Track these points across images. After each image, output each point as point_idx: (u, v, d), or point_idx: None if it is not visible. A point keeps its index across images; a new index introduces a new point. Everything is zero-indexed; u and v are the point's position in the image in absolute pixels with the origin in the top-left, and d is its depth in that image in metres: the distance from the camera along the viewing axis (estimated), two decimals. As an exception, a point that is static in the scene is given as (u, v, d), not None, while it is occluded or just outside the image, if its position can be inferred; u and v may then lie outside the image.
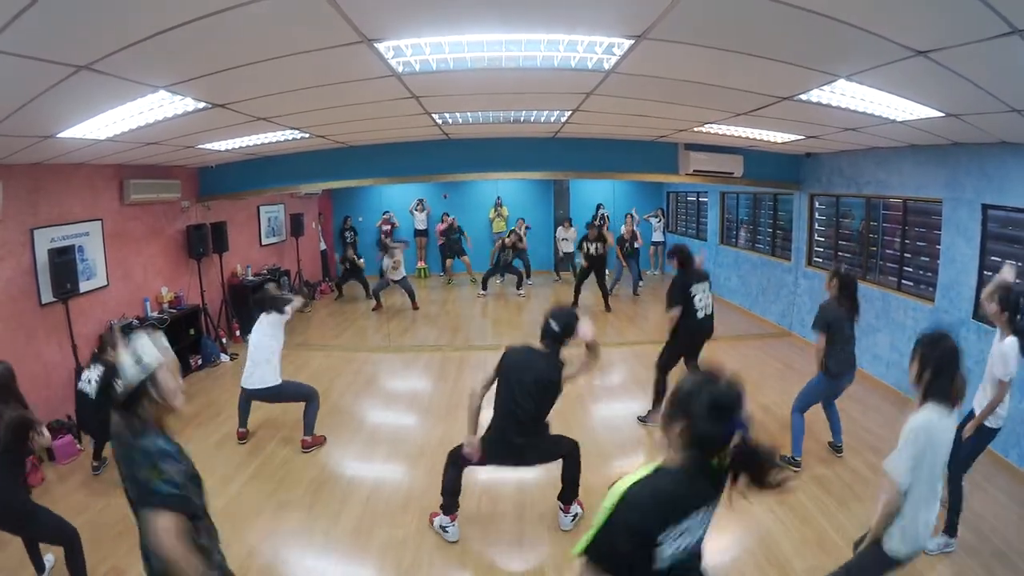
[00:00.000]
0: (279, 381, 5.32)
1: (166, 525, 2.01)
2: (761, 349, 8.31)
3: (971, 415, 3.91)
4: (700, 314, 5.62)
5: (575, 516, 4.19)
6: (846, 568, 2.89)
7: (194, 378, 7.52)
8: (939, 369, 2.65)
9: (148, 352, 2.15)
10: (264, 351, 5.24)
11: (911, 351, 2.77)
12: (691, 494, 1.82)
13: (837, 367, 4.79)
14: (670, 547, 1.77)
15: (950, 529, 3.83)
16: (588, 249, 10.71)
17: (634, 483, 1.79)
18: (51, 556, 3.74)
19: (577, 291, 10.91)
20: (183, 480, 2.09)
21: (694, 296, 5.59)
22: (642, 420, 5.91)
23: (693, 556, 1.89)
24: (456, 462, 4.07)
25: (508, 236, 12.45)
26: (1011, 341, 3.66)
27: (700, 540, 1.89)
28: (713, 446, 1.79)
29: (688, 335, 5.70)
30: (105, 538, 4.05)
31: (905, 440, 2.57)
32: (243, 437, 5.57)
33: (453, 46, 3.19)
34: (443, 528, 4.10)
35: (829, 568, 3.64)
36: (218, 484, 4.80)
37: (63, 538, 3.46)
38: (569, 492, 4.18)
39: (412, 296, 11.24)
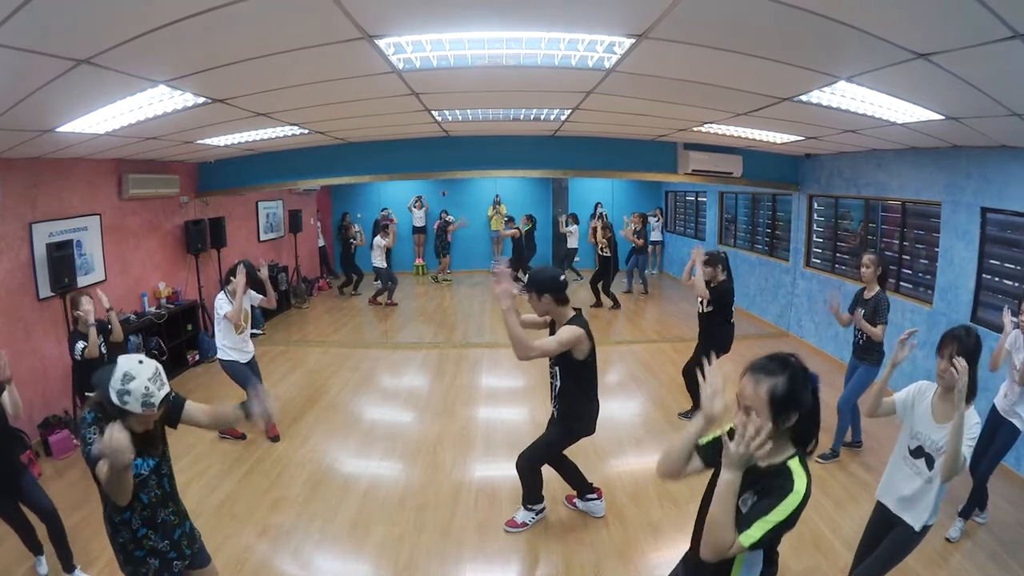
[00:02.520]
0: (223, 358, 5.37)
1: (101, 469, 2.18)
2: (758, 349, 8.20)
3: (993, 410, 4.09)
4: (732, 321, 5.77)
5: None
6: (885, 559, 2.97)
7: (190, 374, 7.52)
8: (977, 361, 2.73)
9: (134, 397, 2.21)
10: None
11: (945, 354, 2.77)
12: None
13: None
14: None
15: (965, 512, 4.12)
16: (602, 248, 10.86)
17: (807, 483, 1.89)
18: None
19: (609, 292, 11.01)
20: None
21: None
22: (687, 416, 5.90)
23: None
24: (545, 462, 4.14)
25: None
26: None
27: None
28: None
29: (723, 345, 5.71)
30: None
31: (971, 436, 2.63)
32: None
33: (454, 43, 3.18)
34: (539, 512, 4.24)
35: (825, 568, 3.68)
36: (214, 480, 4.80)
37: None
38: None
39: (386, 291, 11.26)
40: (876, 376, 4.90)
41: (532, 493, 4.13)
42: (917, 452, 2.88)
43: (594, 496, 4.34)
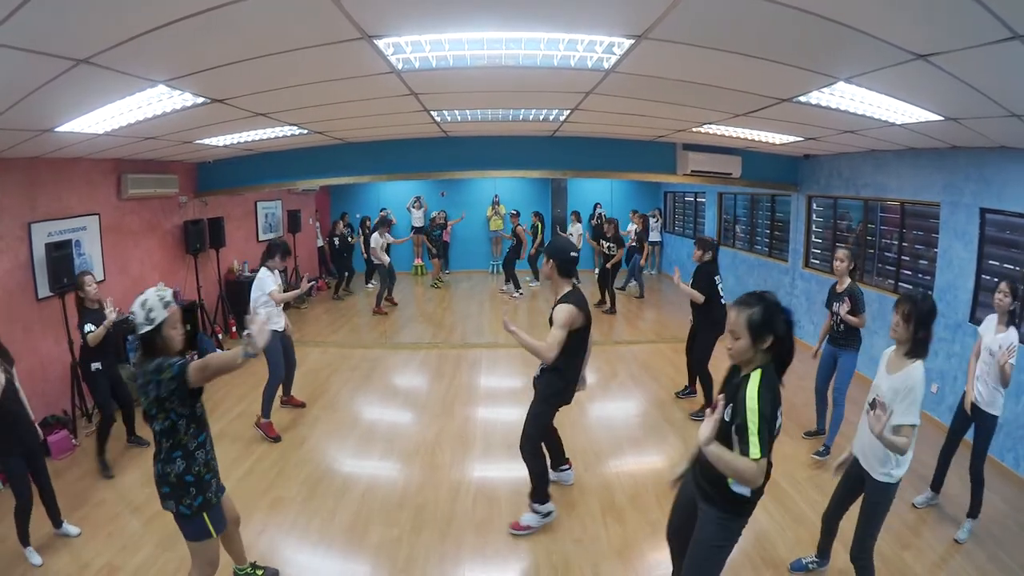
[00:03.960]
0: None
1: (198, 365, 2.68)
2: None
3: (962, 403, 4.21)
4: (724, 300, 5.89)
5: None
6: (872, 512, 3.19)
7: (190, 374, 7.49)
8: (927, 325, 3.03)
9: (156, 309, 2.72)
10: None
11: (900, 311, 3.09)
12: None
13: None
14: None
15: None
16: (607, 248, 10.78)
17: (760, 384, 2.30)
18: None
19: (611, 292, 10.90)
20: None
21: (719, 285, 5.88)
22: (698, 416, 5.95)
23: None
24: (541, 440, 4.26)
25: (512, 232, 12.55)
26: None
27: None
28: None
29: (720, 323, 5.83)
30: (100, 535, 4.05)
31: (916, 393, 2.94)
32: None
33: (453, 43, 3.18)
34: (546, 515, 4.21)
35: (824, 566, 3.68)
36: (213, 480, 4.79)
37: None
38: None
39: (387, 291, 11.16)
40: (855, 361, 5.12)
41: (539, 485, 4.14)
42: (873, 404, 3.08)
43: (566, 467, 4.74)
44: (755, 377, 2.33)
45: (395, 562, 3.81)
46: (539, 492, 4.16)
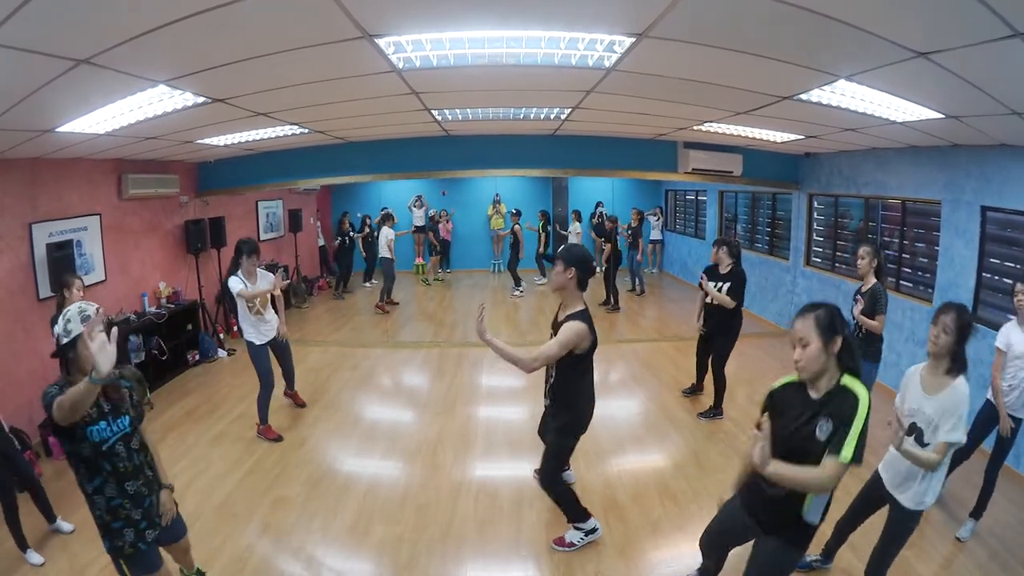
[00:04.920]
0: (245, 337, 5.50)
1: (56, 403, 2.29)
2: (759, 348, 8.31)
3: (986, 406, 4.09)
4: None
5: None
6: (885, 544, 3.12)
7: (191, 374, 7.51)
8: (966, 338, 2.88)
9: (73, 321, 2.47)
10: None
11: (940, 322, 2.91)
12: None
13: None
14: None
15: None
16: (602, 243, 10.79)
17: (867, 391, 2.26)
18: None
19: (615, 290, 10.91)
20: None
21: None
22: (707, 416, 5.98)
23: None
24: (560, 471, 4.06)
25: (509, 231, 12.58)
26: None
27: None
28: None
29: (740, 328, 5.94)
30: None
31: (961, 410, 2.78)
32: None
33: (454, 42, 3.18)
34: (590, 532, 3.97)
35: (829, 568, 3.67)
36: (214, 480, 4.79)
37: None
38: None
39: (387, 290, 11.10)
40: (876, 372, 4.89)
41: (571, 510, 3.93)
42: (910, 429, 2.95)
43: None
44: (854, 382, 2.29)
45: (397, 561, 3.81)
46: (573, 513, 3.92)
